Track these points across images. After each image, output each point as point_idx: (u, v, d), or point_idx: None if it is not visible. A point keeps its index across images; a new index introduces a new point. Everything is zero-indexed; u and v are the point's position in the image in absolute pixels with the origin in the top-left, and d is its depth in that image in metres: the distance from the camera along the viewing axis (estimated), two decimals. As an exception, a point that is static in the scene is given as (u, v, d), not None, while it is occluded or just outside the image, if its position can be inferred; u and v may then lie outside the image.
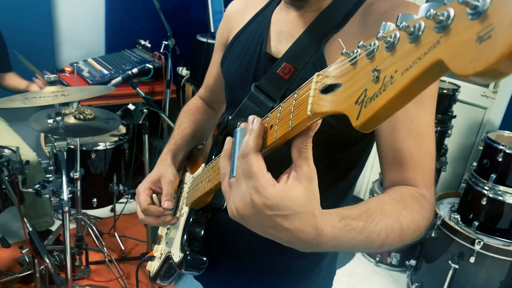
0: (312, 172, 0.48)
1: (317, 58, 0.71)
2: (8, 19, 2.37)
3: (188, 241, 0.81)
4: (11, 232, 2.43)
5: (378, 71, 0.36)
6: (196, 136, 1.02)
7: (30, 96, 1.46)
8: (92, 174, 2.19)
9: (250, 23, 0.87)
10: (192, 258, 0.80)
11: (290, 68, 0.73)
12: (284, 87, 0.73)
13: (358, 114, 0.37)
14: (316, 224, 0.50)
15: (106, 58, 2.84)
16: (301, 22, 0.76)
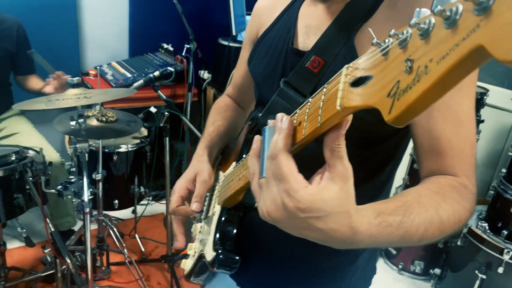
0: (348, 171, 0.46)
1: (347, 49, 0.69)
2: (35, 23, 2.43)
3: (220, 240, 0.81)
4: (36, 231, 2.48)
5: (411, 61, 0.33)
6: (229, 134, 1.02)
7: (54, 98, 1.48)
8: (114, 176, 2.21)
9: (277, 20, 0.86)
10: (224, 257, 0.79)
11: (319, 61, 0.71)
12: (314, 81, 0.71)
13: (390, 108, 0.35)
14: (351, 223, 0.48)
15: (129, 61, 2.88)
16: (328, 15, 0.74)
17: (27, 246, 2.35)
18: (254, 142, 0.55)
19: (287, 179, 0.46)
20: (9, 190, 1.46)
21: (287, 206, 0.46)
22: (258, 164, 0.53)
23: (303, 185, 0.46)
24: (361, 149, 0.73)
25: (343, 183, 0.46)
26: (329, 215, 0.46)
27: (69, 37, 2.73)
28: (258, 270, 0.86)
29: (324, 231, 0.48)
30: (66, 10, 2.66)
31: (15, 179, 1.47)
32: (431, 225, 0.56)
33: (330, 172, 0.46)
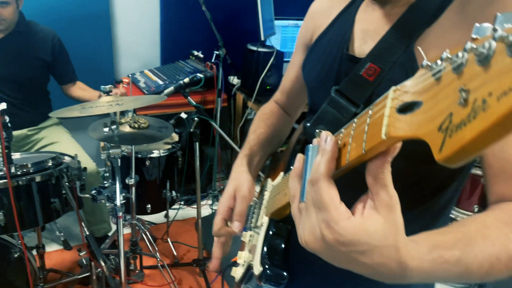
0: (393, 200, 0.42)
1: (406, 57, 0.63)
2: (71, 34, 2.52)
3: (268, 254, 0.78)
4: (73, 235, 2.57)
5: (466, 92, 0.28)
6: (272, 142, 0.99)
7: (87, 106, 1.53)
8: (147, 180, 2.26)
9: (333, 23, 0.81)
10: (271, 272, 0.76)
11: (375, 69, 0.66)
12: (369, 90, 0.66)
13: (441, 145, 0.30)
14: (400, 258, 0.43)
15: (161, 69, 2.95)
16: (388, 19, 0.69)
17: (65, 249, 2.43)
18: (296, 161, 0.52)
19: (327, 208, 0.43)
20: (46, 194, 1.52)
21: (326, 238, 0.43)
22: (299, 185, 0.49)
23: (345, 216, 0.42)
24: (418, 164, 0.65)
25: (388, 213, 0.42)
26: (373, 249, 0.42)
27: (103, 47, 2.82)
28: (308, 281, 0.83)
29: (369, 266, 0.44)
30: (100, 21, 2.76)
31: (51, 184, 1.53)
32: (498, 262, 0.49)
33: (374, 200, 0.42)
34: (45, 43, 2.19)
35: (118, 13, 2.86)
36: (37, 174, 1.48)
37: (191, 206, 2.99)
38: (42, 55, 2.19)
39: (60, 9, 2.56)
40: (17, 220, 1.37)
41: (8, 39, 2.09)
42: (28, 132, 2.23)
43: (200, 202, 2.26)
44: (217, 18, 2.66)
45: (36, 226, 1.58)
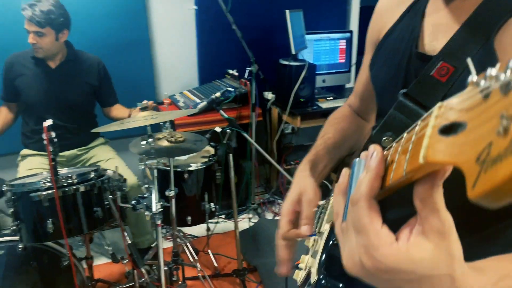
0: (445, 226, 0.37)
1: (485, 53, 0.57)
2: (115, 60, 2.72)
3: (325, 264, 0.76)
4: (121, 249, 2.69)
5: (508, 119, 0.23)
6: (341, 147, 0.93)
7: (125, 121, 1.66)
8: (186, 193, 2.36)
9: (401, 19, 0.76)
10: (326, 283, 0.74)
11: (448, 68, 0.60)
12: (441, 92, 0.60)
13: (475, 180, 0.25)
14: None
15: (199, 89, 3.09)
16: (462, 12, 0.62)
17: (113, 262, 2.56)
18: (341, 176, 0.47)
19: (367, 232, 0.39)
20: (90, 204, 1.65)
21: (365, 265, 0.40)
22: (343, 203, 0.46)
23: (386, 242, 0.38)
24: None
25: (440, 240, 0.37)
26: (423, 278, 0.38)
27: (144, 71, 3.02)
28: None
29: None
30: (141, 47, 2.96)
31: (94, 194, 1.65)
32: None
33: (423, 225, 0.38)
34: (92, 69, 2.40)
35: (158, 39, 3.06)
36: (81, 184, 1.61)
37: (231, 219, 3.05)
38: (90, 80, 2.39)
39: (104, 37, 2.78)
40: (64, 228, 1.49)
41: (61, 67, 2.30)
42: (78, 152, 2.42)
43: (237, 214, 2.31)
44: (249, 36, 2.77)
45: (81, 234, 1.69)
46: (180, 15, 3.07)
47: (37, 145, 2.31)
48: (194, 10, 3.09)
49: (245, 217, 3.06)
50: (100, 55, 2.50)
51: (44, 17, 2.04)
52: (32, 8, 2.03)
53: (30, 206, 1.54)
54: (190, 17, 3.10)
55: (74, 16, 2.27)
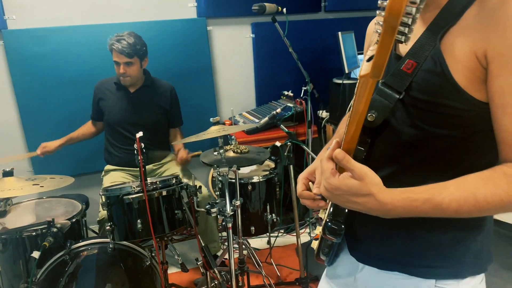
0: (363, 172, 0.74)
1: (435, 51, 0.78)
2: (181, 84, 3.00)
3: (333, 213, 0.98)
4: (189, 260, 2.89)
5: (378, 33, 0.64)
6: None
7: (201, 134, 1.87)
8: (249, 204, 2.52)
9: None
10: (332, 224, 0.96)
11: (412, 63, 0.81)
12: (408, 79, 0.82)
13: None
14: (376, 199, 0.75)
15: (257, 110, 3.31)
16: (424, 22, 0.83)
17: (182, 271, 2.74)
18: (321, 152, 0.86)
19: (325, 172, 0.79)
20: (171, 206, 1.85)
21: (327, 187, 0.79)
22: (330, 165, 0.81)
23: (334, 175, 0.77)
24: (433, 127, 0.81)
25: (361, 179, 0.74)
26: (356, 195, 0.75)
27: (208, 95, 3.29)
28: (372, 244, 0.97)
29: (360, 204, 0.76)
30: (204, 73, 3.24)
31: (175, 198, 1.86)
32: (465, 202, 0.73)
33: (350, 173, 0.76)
34: (165, 94, 2.68)
35: (219, 66, 3.34)
36: (164, 189, 1.82)
37: (290, 233, 3.16)
38: (163, 103, 2.68)
39: (173, 66, 3.10)
40: (152, 226, 1.70)
41: (139, 92, 2.61)
42: (153, 167, 2.68)
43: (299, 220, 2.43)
44: (303, 59, 2.96)
45: (164, 233, 1.89)
46: (239, 43, 3.34)
47: (116, 161, 2.61)
48: (251, 38, 3.36)
49: (303, 231, 3.17)
50: (169, 81, 2.79)
51: (131, 48, 2.36)
52: (120, 42, 2.35)
53: (122, 208, 1.77)
54: (248, 44, 3.36)
55: (147, 46, 2.59)
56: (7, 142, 2.94)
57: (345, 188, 0.75)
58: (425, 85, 0.79)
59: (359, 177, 0.74)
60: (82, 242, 1.92)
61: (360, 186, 0.74)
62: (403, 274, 0.93)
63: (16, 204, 2.28)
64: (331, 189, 0.78)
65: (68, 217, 2.02)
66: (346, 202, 0.78)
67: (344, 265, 1.09)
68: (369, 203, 0.75)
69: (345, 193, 0.76)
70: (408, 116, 0.83)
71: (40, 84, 2.85)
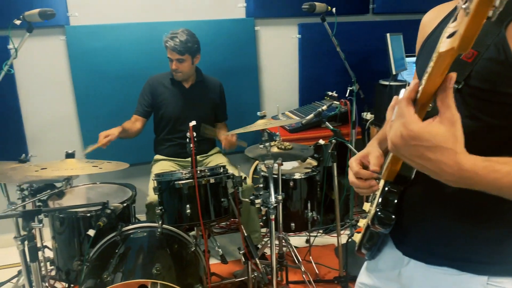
0: (454, 117, 0.63)
1: (499, 40, 0.76)
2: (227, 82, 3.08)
3: (382, 204, 0.96)
4: (228, 252, 2.96)
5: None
6: None
7: (247, 127, 1.93)
8: (291, 200, 2.56)
9: (438, 25, 0.95)
10: (382, 214, 0.95)
11: (473, 53, 0.79)
12: (468, 69, 0.79)
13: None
14: (457, 159, 0.65)
15: (299, 109, 3.34)
16: None
17: (222, 263, 2.82)
18: (393, 99, 0.73)
19: (405, 115, 0.66)
20: (218, 194, 1.92)
21: (403, 133, 0.66)
22: (391, 113, 0.73)
23: (416, 120, 0.65)
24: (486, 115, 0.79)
25: (450, 126, 0.63)
26: (436, 147, 0.64)
27: (252, 93, 3.36)
28: (419, 239, 0.96)
29: (433, 162, 0.65)
30: (250, 72, 3.32)
31: (222, 187, 1.93)
32: None
33: (440, 116, 0.64)
34: (215, 89, 2.81)
35: (264, 66, 3.41)
36: (212, 177, 1.90)
37: (329, 234, 3.17)
38: (214, 98, 2.80)
39: (221, 64, 3.20)
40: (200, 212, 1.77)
41: (193, 87, 2.74)
42: (200, 158, 2.79)
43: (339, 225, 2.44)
44: (349, 60, 2.96)
45: (211, 220, 1.96)
46: (285, 43, 3.40)
47: (167, 151, 2.73)
48: (297, 38, 3.40)
49: (343, 232, 3.16)
50: (217, 77, 2.88)
51: (183, 46, 2.48)
52: (173, 40, 2.47)
53: (172, 193, 1.86)
54: (294, 44, 3.41)
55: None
56: (64, 132, 3.14)
57: (427, 137, 0.63)
58: (486, 74, 0.78)
59: (450, 121, 0.63)
60: (132, 225, 2.02)
61: (446, 136, 0.63)
62: (453, 270, 0.89)
63: (72, 187, 2.43)
64: (409, 137, 0.65)
65: (120, 201, 2.14)
66: (418, 157, 0.67)
67: (387, 259, 1.08)
68: (446, 163, 0.65)
69: (424, 144, 0.64)
70: (465, 107, 0.81)
71: (96, 78, 3.03)
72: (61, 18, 2.92)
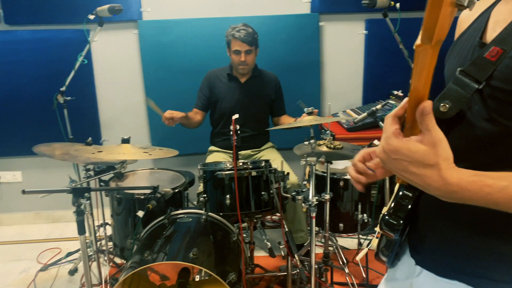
0: (436, 139, 0.64)
1: None
2: (287, 77, 3.11)
3: (393, 208, 0.92)
4: (277, 247, 2.99)
5: None
6: None
7: (293, 123, 1.94)
8: (340, 200, 2.51)
9: (472, 23, 0.92)
10: (388, 217, 0.90)
11: (498, 51, 0.74)
12: (490, 68, 0.75)
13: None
14: (441, 174, 0.65)
15: (361, 108, 3.24)
16: None
17: (270, 256, 2.85)
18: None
19: (387, 130, 0.69)
20: (259, 187, 1.96)
21: (384, 148, 0.69)
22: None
23: (396, 135, 0.68)
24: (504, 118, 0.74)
25: (431, 147, 0.64)
26: (417, 163, 0.65)
27: (312, 90, 3.33)
28: (433, 248, 0.90)
29: (418, 176, 0.66)
30: (312, 68, 3.29)
31: (263, 180, 1.96)
32: None
33: (421, 136, 0.65)
34: (270, 84, 2.83)
35: (327, 62, 3.35)
36: (254, 170, 1.93)
37: (384, 238, 3.04)
38: (269, 93, 2.82)
39: (282, 59, 3.22)
40: (238, 202, 1.82)
41: (248, 82, 2.79)
42: (251, 152, 2.84)
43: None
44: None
45: (250, 211, 2.00)
46: (350, 39, 3.31)
47: (222, 144, 2.82)
48: (364, 34, 3.30)
49: (398, 238, 3.02)
50: (276, 74, 2.90)
51: (252, 37, 2.55)
52: (242, 32, 2.55)
53: (215, 182, 1.94)
54: (360, 41, 3.31)
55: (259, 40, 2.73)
56: (133, 119, 3.38)
57: (406, 153, 0.65)
58: (510, 74, 0.72)
59: (430, 143, 0.64)
60: (180, 210, 2.14)
61: (427, 154, 0.64)
62: (463, 284, 0.84)
63: (132, 171, 2.62)
64: (389, 151, 0.68)
65: (172, 187, 2.26)
66: (402, 171, 0.68)
67: (404, 268, 1.02)
68: (430, 178, 0.65)
69: (405, 159, 0.66)
70: (485, 109, 0.76)
71: (164, 71, 3.22)
72: (135, 13, 3.14)
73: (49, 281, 2.67)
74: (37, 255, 3.01)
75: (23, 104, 3.24)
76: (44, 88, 3.16)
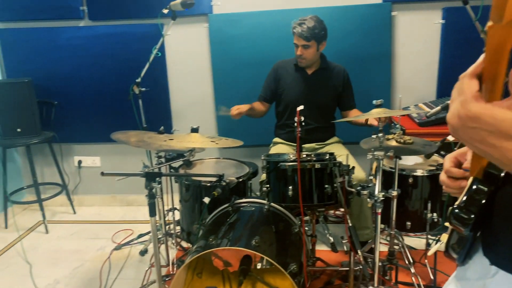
0: None
1: None
2: (356, 69, 3.03)
3: (465, 201, 0.85)
4: (340, 242, 2.94)
5: None
6: None
7: (360, 115, 1.88)
8: (408, 198, 2.40)
9: None
10: (459, 211, 0.83)
11: None
12: None
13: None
14: None
15: (435, 102, 3.07)
16: None
17: (332, 251, 2.83)
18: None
19: (464, 92, 0.57)
20: (322, 180, 1.94)
21: (460, 113, 0.56)
22: None
23: (477, 98, 0.55)
24: None
25: None
26: (500, 133, 0.52)
27: (382, 82, 3.21)
28: (508, 245, 0.82)
29: (498, 149, 0.53)
30: (382, 59, 3.17)
31: (326, 173, 1.94)
32: None
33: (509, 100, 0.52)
34: (338, 77, 2.77)
35: (398, 53, 3.21)
36: (317, 162, 1.92)
37: (455, 240, 2.87)
38: (337, 86, 2.77)
39: (351, 50, 3.14)
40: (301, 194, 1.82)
41: (315, 74, 2.76)
42: (316, 146, 2.81)
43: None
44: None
45: (312, 203, 1.99)
46: (425, 29, 3.14)
47: (286, 136, 2.83)
48: (440, 24, 3.11)
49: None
50: (344, 65, 2.83)
51: (310, 32, 2.52)
52: (301, 26, 2.53)
53: (278, 173, 1.95)
54: (435, 31, 3.13)
55: (328, 31, 2.68)
56: (201, 109, 3.50)
57: (489, 121, 0.53)
58: None
59: None
60: (244, 199, 2.18)
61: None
62: None
63: (200, 159, 2.72)
64: (466, 117, 0.55)
65: (236, 176, 2.32)
66: (478, 142, 0.57)
67: (476, 268, 0.96)
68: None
69: (486, 128, 0.54)
70: None
71: (231, 62, 3.29)
72: (206, 7, 3.24)
73: (122, 260, 2.87)
74: (112, 235, 3.24)
75: (102, 94, 3.50)
76: (121, 80, 3.37)
